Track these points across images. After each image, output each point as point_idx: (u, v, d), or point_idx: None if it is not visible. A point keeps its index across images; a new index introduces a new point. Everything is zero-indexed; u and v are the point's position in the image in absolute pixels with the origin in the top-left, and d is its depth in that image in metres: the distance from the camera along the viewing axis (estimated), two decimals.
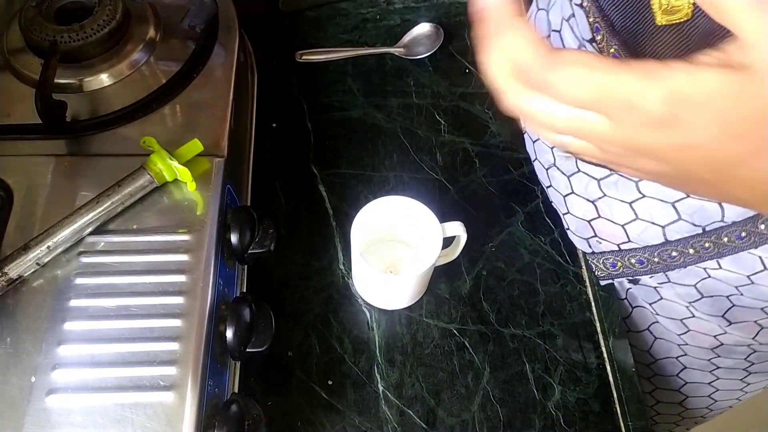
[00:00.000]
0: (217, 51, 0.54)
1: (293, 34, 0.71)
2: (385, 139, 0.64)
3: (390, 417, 0.50)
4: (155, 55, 0.54)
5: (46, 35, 0.50)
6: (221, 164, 0.47)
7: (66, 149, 0.48)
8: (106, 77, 0.52)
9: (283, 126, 0.65)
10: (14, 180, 0.46)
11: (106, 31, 0.51)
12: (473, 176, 0.62)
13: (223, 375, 0.44)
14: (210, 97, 0.51)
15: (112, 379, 0.39)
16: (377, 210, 0.51)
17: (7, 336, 0.40)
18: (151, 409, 0.38)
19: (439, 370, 0.52)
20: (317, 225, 0.59)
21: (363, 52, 0.69)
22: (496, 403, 0.51)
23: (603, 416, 0.51)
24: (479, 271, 0.57)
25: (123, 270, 0.42)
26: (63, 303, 0.41)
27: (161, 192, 0.46)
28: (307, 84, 0.68)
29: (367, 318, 0.54)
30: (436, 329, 0.54)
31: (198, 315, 0.41)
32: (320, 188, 0.61)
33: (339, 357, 0.52)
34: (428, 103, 0.66)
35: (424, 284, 0.54)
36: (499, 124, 0.65)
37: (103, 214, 0.44)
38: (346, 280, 0.56)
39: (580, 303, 0.56)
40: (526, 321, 0.55)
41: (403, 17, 0.73)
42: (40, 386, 0.38)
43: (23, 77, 0.51)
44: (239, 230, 0.46)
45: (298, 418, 0.50)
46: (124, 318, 0.41)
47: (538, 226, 0.59)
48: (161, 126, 0.50)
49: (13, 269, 0.41)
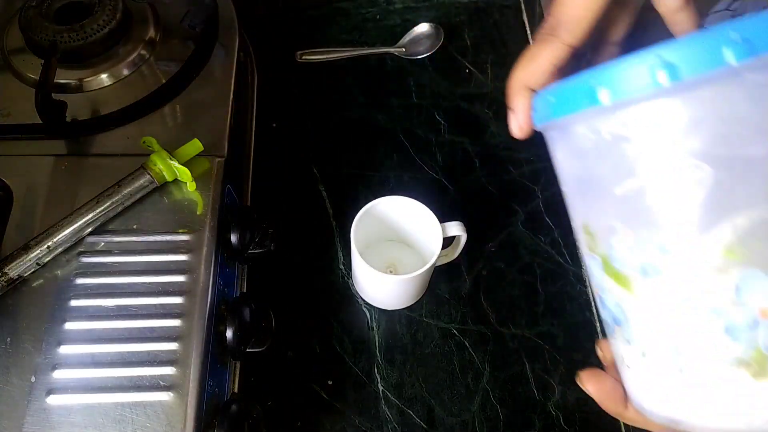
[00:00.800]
0: (217, 51, 0.54)
1: (293, 34, 0.71)
2: (385, 139, 0.64)
3: (390, 417, 0.50)
4: (155, 55, 0.54)
5: (46, 35, 0.50)
6: (221, 164, 0.47)
7: (66, 149, 0.48)
8: (106, 77, 0.52)
9: (283, 126, 0.65)
10: (14, 180, 0.46)
11: (106, 31, 0.51)
12: (473, 176, 0.62)
13: (223, 375, 0.44)
14: (210, 97, 0.51)
15: (112, 379, 0.39)
16: (377, 210, 0.51)
17: (7, 336, 0.40)
18: (151, 409, 0.38)
19: (439, 370, 0.52)
20: (317, 225, 0.59)
21: (363, 52, 0.69)
22: (496, 403, 0.51)
23: (603, 416, 0.51)
24: (479, 271, 0.57)
25: (123, 270, 0.42)
26: (63, 303, 0.41)
27: (161, 192, 0.46)
28: (307, 84, 0.68)
29: (367, 318, 0.54)
30: (436, 329, 0.54)
31: (198, 315, 0.41)
32: (320, 188, 0.61)
33: (339, 357, 0.52)
34: (428, 103, 0.66)
35: (424, 284, 0.54)
36: (499, 124, 0.65)
37: (103, 214, 0.44)
38: (346, 280, 0.56)
39: (580, 303, 0.56)
40: (526, 321, 0.55)
41: (403, 17, 0.73)
42: (40, 386, 0.38)
43: (23, 77, 0.51)
44: (239, 230, 0.46)
45: (298, 418, 0.50)
46: (124, 318, 0.41)
47: (538, 226, 0.59)
48: (161, 126, 0.50)
49: (13, 269, 0.41)
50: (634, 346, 0.28)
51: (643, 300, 0.27)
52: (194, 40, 0.54)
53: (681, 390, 0.27)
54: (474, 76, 0.68)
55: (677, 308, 0.26)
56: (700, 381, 0.26)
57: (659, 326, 0.27)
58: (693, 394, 0.27)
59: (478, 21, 0.72)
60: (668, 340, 0.27)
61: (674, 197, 0.24)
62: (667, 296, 0.26)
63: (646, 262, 0.26)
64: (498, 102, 0.66)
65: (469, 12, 0.73)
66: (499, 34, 0.71)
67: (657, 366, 0.28)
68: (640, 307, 0.27)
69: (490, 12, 0.73)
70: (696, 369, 0.26)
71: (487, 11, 0.73)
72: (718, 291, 0.25)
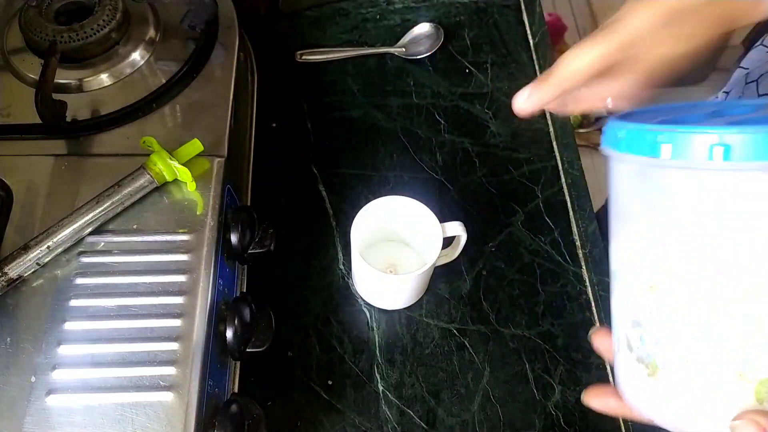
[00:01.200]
0: (217, 51, 0.54)
1: (293, 34, 0.71)
2: (385, 139, 0.64)
3: (390, 417, 0.50)
4: (155, 55, 0.54)
5: (46, 35, 0.50)
6: (221, 164, 0.47)
7: (66, 149, 0.48)
8: (106, 77, 0.52)
9: (283, 126, 0.65)
10: (14, 180, 0.46)
11: (106, 31, 0.51)
12: (473, 176, 0.62)
13: (223, 375, 0.44)
14: (210, 97, 0.51)
15: (112, 379, 0.39)
16: (377, 210, 0.51)
17: (7, 336, 0.40)
18: (151, 409, 0.38)
19: (439, 370, 0.52)
20: (317, 225, 0.59)
21: (363, 52, 0.69)
22: (496, 403, 0.51)
23: (603, 416, 0.51)
24: (479, 271, 0.57)
25: (123, 270, 0.42)
26: (63, 303, 0.41)
27: (161, 192, 0.46)
28: (307, 84, 0.68)
29: (367, 318, 0.54)
30: (436, 329, 0.54)
31: (198, 315, 0.41)
32: (320, 188, 0.61)
33: (339, 357, 0.52)
34: (428, 103, 0.66)
35: (424, 284, 0.54)
36: (499, 124, 0.65)
37: (103, 214, 0.44)
38: (346, 280, 0.56)
39: (580, 303, 0.56)
40: (526, 321, 0.55)
41: (403, 17, 0.73)
42: (40, 386, 0.38)
43: (23, 77, 0.51)
44: (239, 230, 0.46)
45: (298, 418, 0.50)
46: (124, 318, 0.41)
47: (538, 226, 0.59)
48: (161, 126, 0.50)
49: (13, 269, 0.41)
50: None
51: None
52: (194, 40, 0.54)
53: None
54: (474, 76, 0.68)
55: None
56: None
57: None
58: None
59: (478, 21, 0.72)
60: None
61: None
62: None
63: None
64: (498, 102, 0.66)
65: (469, 12, 0.73)
66: (499, 34, 0.71)
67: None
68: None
69: (490, 12, 0.73)
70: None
71: (487, 11, 0.73)
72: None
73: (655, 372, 0.31)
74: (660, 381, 0.30)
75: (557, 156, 0.63)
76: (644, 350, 0.31)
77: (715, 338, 0.28)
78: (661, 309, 0.30)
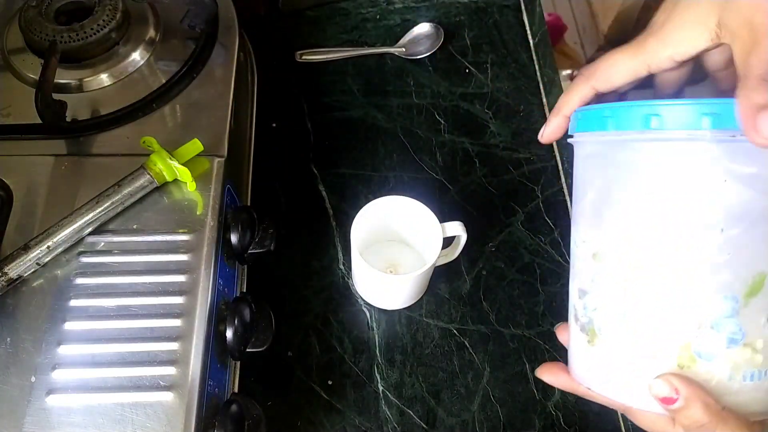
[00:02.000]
0: (217, 51, 0.54)
1: (293, 34, 0.71)
2: (385, 139, 0.64)
3: (390, 417, 0.50)
4: (155, 55, 0.54)
5: (46, 35, 0.50)
6: (221, 164, 0.47)
7: (66, 149, 0.48)
8: (106, 77, 0.52)
9: (283, 126, 0.65)
10: (14, 180, 0.46)
11: (106, 31, 0.51)
12: (473, 176, 0.62)
13: (223, 375, 0.44)
14: (210, 97, 0.51)
15: (112, 379, 0.38)
16: (377, 210, 0.51)
17: (7, 336, 0.40)
18: (151, 409, 0.38)
19: (439, 370, 0.52)
20: (317, 225, 0.59)
21: (363, 52, 0.69)
22: (496, 403, 0.51)
23: (603, 416, 0.51)
24: (479, 271, 0.57)
25: (123, 270, 0.42)
26: (63, 303, 0.41)
27: (161, 192, 0.46)
28: (307, 84, 0.68)
29: (367, 318, 0.54)
30: (436, 329, 0.54)
31: (198, 315, 0.41)
32: (320, 188, 0.61)
33: (339, 357, 0.52)
34: (428, 103, 0.66)
35: (424, 284, 0.54)
36: (499, 124, 0.65)
37: (103, 214, 0.44)
38: (346, 280, 0.56)
39: None
40: (526, 321, 0.55)
41: (403, 17, 0.73)
42: (40, 386, 0.38)
43: (23, 77, 0.51)
44: (239, 230, 0.46)
45: (298, 418, 0.50)
46: (124, 318, 0.41)
47: (538, 226, 0.59)
48: (161, 126, 0.50)
49: (13, 269, 0.41)
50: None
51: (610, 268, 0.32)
52: (194, 40, 0.54)
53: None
54: (474, 76, 0.68)
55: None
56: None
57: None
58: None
59: (478, 21, 0.72)
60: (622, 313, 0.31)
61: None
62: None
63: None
64: (498, 102, 0.67)
65: (469, 12, 0.73)
66: (499, 34, 0.71)
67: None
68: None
69: (490, 12, 0.73)
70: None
71: (487, 11, 0.73)
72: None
73: (594, 339, 0.33)
74: (596, 347, 0.33)
75: (557, 156, 0.63)
76: (586, 317, 0.33)
77: (643, 303, 0.30)
78: (601, 275, 0.32)
